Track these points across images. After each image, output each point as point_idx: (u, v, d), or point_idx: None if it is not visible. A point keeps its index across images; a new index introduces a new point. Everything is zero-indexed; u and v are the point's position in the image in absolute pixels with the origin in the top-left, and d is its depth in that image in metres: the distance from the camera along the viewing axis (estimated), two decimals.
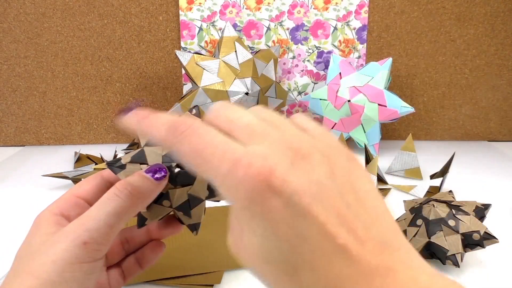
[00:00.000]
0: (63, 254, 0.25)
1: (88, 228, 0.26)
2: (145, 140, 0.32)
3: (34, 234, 0.28)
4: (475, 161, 0.74)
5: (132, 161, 0.31)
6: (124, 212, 0.28)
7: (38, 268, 0.25)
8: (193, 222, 0.34)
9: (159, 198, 0.31)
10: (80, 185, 0.32)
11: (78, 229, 0.26)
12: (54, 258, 0.25)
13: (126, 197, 0.28)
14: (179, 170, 0.31)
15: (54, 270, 0.25)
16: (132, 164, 0.31)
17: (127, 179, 0.29)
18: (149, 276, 0.40)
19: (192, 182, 0.32)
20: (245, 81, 0.69)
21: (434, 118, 0.85)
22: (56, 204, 0.30)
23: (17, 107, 0.81)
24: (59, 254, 0.25)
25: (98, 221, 0.27)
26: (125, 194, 0.28)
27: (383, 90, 0.71)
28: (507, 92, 0.83)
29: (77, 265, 0.26)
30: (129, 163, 0.31)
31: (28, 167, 0.72)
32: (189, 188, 0.32)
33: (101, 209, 0.27)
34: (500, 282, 0.41)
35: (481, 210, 0.43)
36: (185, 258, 0.43)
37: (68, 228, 0.27)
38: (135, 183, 0.29)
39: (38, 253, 0.26)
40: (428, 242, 0.41)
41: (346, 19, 0.78)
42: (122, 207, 0.28)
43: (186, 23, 0.77)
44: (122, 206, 0.28)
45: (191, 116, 0.35)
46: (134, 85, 0.81)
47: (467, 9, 0.79)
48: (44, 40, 0.77)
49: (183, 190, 0.32)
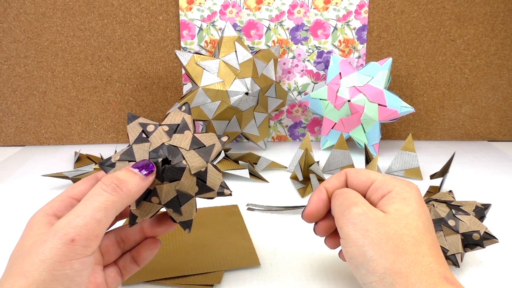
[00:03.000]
0: (51, 253, 0.25)
1: (75, 224, 0.26)
2: (133, 138, 0.32)
3: (26, 235, 0.28)
4: (475, 161, 0.74)
5: (121, 159, 0.31)
6: (111, 207, 0.28)
7: (28, 268, 0.25)
8: (185, 219, 0.33)
9: (148, 195, 0.32)
10: (75, 186, 0.32)
11: (65, 227, 0.26)
12: (43, 258, 0.25)
13: (112, 191, 0.28)
14: (166, 165, 0.31)
15: (44, 269, 0.25)
16: (121, 162, 0.31)
17: (113, 173, 0.29)
18: (149, 276, 0.40)
19: (179, 178, 0.32)
20: (245, 81, 0.69)
21: (434, 118, 0.85)
22: (50, 205, 0.30)
23: (17, 107, 0.81)
24: (47, 253, 0.25)
25: (84, 216, 0.27)
26: (112, 188, 0.28)
27: (383, 90, 0.71)
28: (507, 92, 0.83)
29: (67, 262, 0.26)
30: (118, 161, 0.31)
31: (28, 167, 0.72)
32: (176, 184, 0.32)
33: (88, 205, 0.27)
34: (500, 282, 0.41)
35: (481, 210, 0.43)
36: (185, 258, 0.43)
37: (55, 227, 0.27)
38: (121, 177, 0.29)
39: (28, 253, 0.26)
40: None
41: (346, 19, 0.78)
42: (109, 202, 0.28)
43: (186, 23, 0.77)
44: (109, 201, 0.28)
45: (181, 112, 0.35)
46: (134, 85, 0.81)
47: (467, 9, 0.79)
48: (44, 40, 0.78)
49: (170, 186, 0.32)
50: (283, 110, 0.84)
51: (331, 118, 0.77)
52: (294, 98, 0.81)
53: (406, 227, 0.31)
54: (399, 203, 0.33)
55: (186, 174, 0.32)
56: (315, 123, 0.85)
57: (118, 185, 0.29)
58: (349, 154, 0.66)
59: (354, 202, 0.33)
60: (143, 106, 0.82)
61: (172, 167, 0.31)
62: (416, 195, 0.33)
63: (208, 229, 0.49)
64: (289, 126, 0.85)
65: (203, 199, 0.46)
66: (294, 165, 0.68)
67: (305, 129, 0.85)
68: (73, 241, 0.26)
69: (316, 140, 0.86)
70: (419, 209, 0.33)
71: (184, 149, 0.32)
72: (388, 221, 0.31)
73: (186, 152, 0.32)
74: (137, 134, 0.33)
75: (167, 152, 0.32)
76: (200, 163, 0.32)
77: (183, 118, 0.34)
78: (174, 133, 0.33)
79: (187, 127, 0.34)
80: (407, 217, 0.32)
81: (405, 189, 0.34)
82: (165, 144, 0.32)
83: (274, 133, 0.85)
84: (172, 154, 0.32)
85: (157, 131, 0.33)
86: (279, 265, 0.43)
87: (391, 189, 0.34)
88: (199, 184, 0.33)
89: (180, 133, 0.33)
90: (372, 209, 0.33)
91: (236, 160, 0.68)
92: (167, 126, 0.33)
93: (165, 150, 0.32)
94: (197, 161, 0.32)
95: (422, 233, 0.31)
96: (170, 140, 0.32)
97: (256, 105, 0.73)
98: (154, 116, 0.83)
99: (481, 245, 0.40)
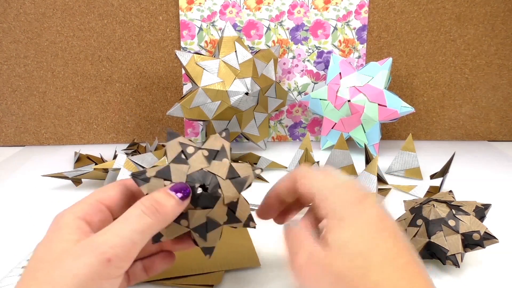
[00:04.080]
0: (86, 269, 0.25)
1: (114, 244, 0.26)
2: (172, 157, 0.32)
3: (55, 237, 0.27)
4: (475, 161, 0.74)
5: (156, 176, 0.31)
6: (148, 230, 0.28)
7: (58, 280, 0.24)
8: (208, 245, 0.33)
9: (178, 217, 0.31)
10: (104, 191, 0.31)
11: (103, 245, 0.26)
12: (76, 272, 0.25)
13: (152, 214, 0.28)
14: (202, 192, 0.31)
15: (74, 284, 0.24)
16: (156, 179, 0.31)
17: (153, 195, 0.29)
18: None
19: (213, 206, 0.31)
20: (245, 81, 0.69)
21: (434, 118, 0.85)
22: (79, 207, 0.29)
23: (17, 107, 0.81)
24: (82, 269, 0.25)
25: (123, 238, 0.26)
26: (151, 211, 0.28)
27: (383, 90, 0.71)
28: (507, 92, 0.83)
29: (98, 281, 0.25)
30: (154, 177, 0.31)
31: (28, 167, 0.72)
32: (208, 211, 0.32)
33: (127, 226, 0.27)
34: (500, 282, 0.41)
35: (481, 210, 0.43)
36: (185, 258, 0.43)
37: (92, 242, 0.26)
38: (160, 199, 0.29)
39: (59, 262, 0.25)
40: (428, 242, 0.41)
41: (346, 19, 0.78)
42: (147, 225, 0.27)
43: (186, 23, 0.77)
44: (148, 224, 0.27)
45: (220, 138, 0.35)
46: (134, 85, 0.81)
47: (467, 9, 0.79)
48: (44, 40, 0.78)
49: (202, 212, 0.31)
50: (283, 110, 0.84)
51: (331, 118, 0.77)
52: (294, 98, 0.81)
53: (351, 260, 0.25)
54: (336, 227, 0.27)
55: (220, 203, 0.32)
56: (315, 123, 0.85)
57: (158, 210, 0.28)
58: (349, 154, 0.66)
59: (295, 251, 0.29)
60: (143, 106, 0.82)
61: (208, 194, 0.31)
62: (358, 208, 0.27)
63: None
64: (289, 126, 0.85)
65: None
66: (294, 165, 0.68)
67: (305, 129, 0.85)
68: (110, 261, 0.25)
69: (316, 140, 0.86)
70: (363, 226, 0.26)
71: (221, 177, 0.32)
72: (331, 260, 0.26)
73: (222, 181, 0.32)
74: (176, 154, 0.32)
75: (205, 179, 0.31)
76: (234, 194, 0.32)
77: (222, 145, 0.34)
78: (213, 159, 0.33)
79: (226, 155, 0.34)
80: (347, 246, 0.26)
81: (341, 204, 0.28)
82: (204, 169, 0.32)
83: (274, 133, 0.85)
84: (209, 181, 0.31)
85: (197, 154, 0.32)
86: (279, 265, 0.43)
87: (327, 209, 0.28)
88: (229, 214, 0.33)
89: (218, 160, 0.33)
90: (315, 252, 0.28)
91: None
92: (207, 151, 0.33)
93: (203, 176, 0.31)
94: (232, 192, 0.32)
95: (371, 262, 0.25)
96: (209, 166, 0.32)
97: (256, 105, 0.73)
98: (154, 116, 0.83)
99: (481, 245, 0.40)
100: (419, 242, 0.41)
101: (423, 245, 0.41)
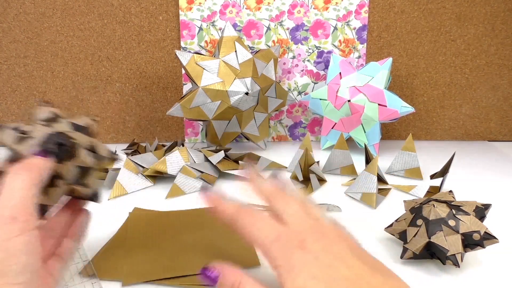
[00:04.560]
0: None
1: (9, 205, 0.29)
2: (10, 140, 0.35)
3: None
4: (475, 161, 0.74)
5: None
6: (30, 185, 0.30)
7: None
8: (92, 192, 0.37)
9: (53, 181, 0.34)
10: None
11: (1, 209, 0.29)
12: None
13: (26, 171, 0.31)
14: (60, 147, 0.34)
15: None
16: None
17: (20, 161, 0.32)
18: (149, 276, 0.40)
19: (75, 154, 0.35)
20: (245, 81, 0.69)
21: (434, 118, 0.85)
22: None
23: (17, 107, 0.81)
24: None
25: (20, 198, 0.29)
26: (25, 169, 0.31)
27: (383, 90, 0.71)
28: (507, 92, 0.83)
29: (14, 238, 0.28)
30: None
31: None
32: (75, 160, 0.35)
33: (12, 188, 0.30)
34: (500, 282, 0.41)
35: (481, 210, 0.43)
36: (185, 258, 0.43)
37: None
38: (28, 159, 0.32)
39: None
40: (428, 242, 0.41)
41: (346, 19, 0.78)
42: (29, 178, 0.30)
43: (186, 23, 0.77)
44: (28, 178, 0.30)
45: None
46: (134, 85, 0.81)
47: (467, 9, 0.78)
48: (44, 40, 0.78)
49: (71, 164, 0.35)
50: (283, 110, 0.84)
51: (331, 118, 0.77)
52: (294, 98, 0.81)
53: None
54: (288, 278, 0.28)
55: (79, 149, 0.35)
56: (315, 123, 0.85)
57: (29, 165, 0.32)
58: (349, 154, 0.66)
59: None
60: (143, 106, 0.82)
61: (66, 146, 0.34)
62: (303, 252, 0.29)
63: (208, 229, 0.49)
64: (289, 126, 0.85)
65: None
66: (294, 165, 0.68)
67: (305, 129, 0.85)
68: (14, 218, 0.28)
69: (316, 140, 0.86)
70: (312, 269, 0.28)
71: (68, 131, 0.36)
72: None
73: (71, 132, 0.36)
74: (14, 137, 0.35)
75: (57, 137, 0.34)
76: (86, 138, 0.37)
77: (54, 112, 0.37)
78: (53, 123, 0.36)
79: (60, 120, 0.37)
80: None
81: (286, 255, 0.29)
82: (49, 132, 0.35)
83: (274, 133, 0.85)
84: (60, 138, 0.35)
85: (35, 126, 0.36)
86: None
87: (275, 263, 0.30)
88: (92, 155, 0.37)
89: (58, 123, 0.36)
90: None
91: (236, 160, 0.68)
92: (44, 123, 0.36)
93: (54, 136, 0.34)
94: (83, 137, 0.36)
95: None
96: (53, 128, 0.35)
97: (256, 105, 0.73)
98: (154, 116, 0.83)
99: (481, 245, 0.40)
100: (419, 242, 0.41)
101: (423, 245, 0.41)
